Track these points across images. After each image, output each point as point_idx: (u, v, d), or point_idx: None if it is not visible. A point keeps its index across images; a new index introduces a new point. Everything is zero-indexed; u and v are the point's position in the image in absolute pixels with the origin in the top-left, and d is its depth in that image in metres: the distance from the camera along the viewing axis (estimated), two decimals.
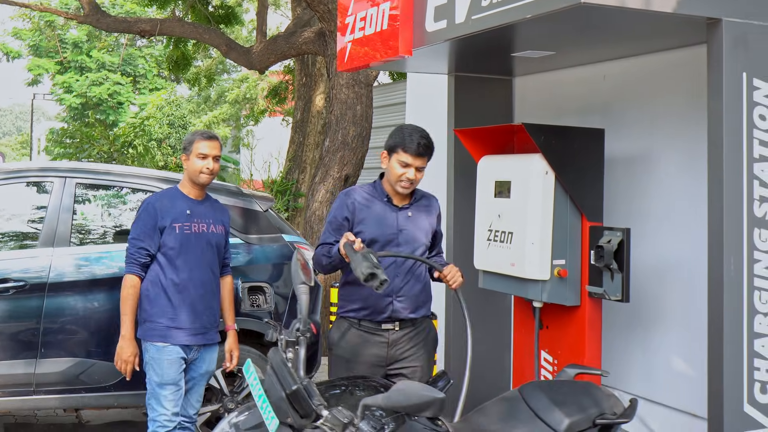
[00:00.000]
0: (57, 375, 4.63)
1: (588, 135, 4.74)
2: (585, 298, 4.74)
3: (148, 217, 4.17)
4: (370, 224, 3.84)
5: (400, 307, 3.82)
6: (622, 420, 3.03)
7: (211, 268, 4.29)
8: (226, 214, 4.49)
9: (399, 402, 2.34)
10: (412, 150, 3.77)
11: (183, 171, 4.37)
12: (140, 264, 4.14)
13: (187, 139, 4.30)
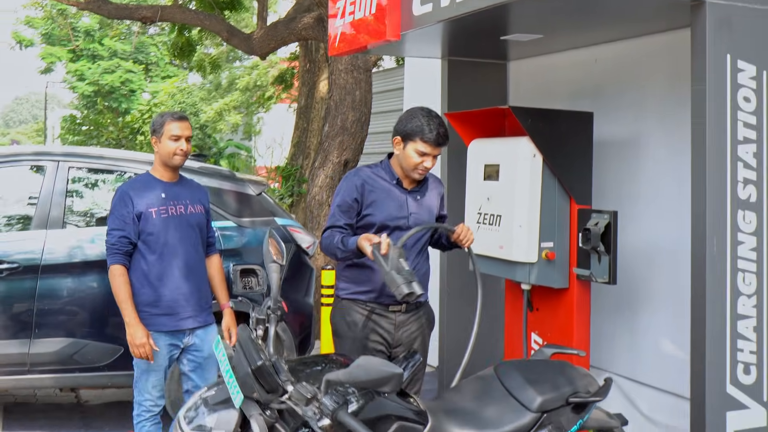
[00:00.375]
0: (51, 355, 4.71)
1: (576, 118, 4.75)
2: (573, 280, 4.76)
3: (122, 206, 4.04)
4: (380, 208, 3.72)
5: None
6: (594, 398, 3.06)
7: (194, 249, 4.18)
8: (203, 192, 4.36)
9: (359, 377, 2.38)
10: (431, 140, 3.64)
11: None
12: (123, 253, 4.01)
13: (157, 121, 4.14)
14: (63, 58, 30.12)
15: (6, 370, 4.67)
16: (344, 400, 2.41)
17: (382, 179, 3.77)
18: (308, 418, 2.39)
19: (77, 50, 30.00)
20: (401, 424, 2.76)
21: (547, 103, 5.14)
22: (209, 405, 2.63)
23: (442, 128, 3.68)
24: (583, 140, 4.75)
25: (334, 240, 3.61)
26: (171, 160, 4.11)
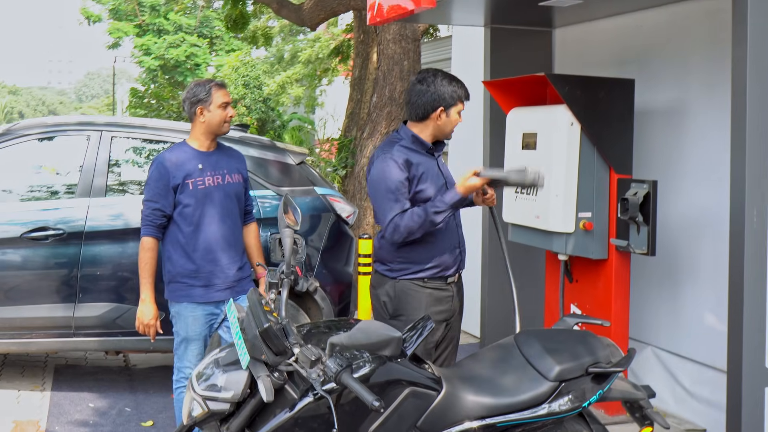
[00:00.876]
0: (94, 319, 4.85)
1: (617, 86, 4.63)
2: (612, 251, 4.67)
3: (159, 177, 3.93)
4: (428, 180, 3.53)
5: (464, 257, 3.68)
6: (615, 369, 2.99)
7: (232, 219, 4.06)
8: (241, 160, 4.22)
9: (359, 340, 2.39)
10: (467, 95, 3.61)
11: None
12: (156, 225, 3.92)
13: (200, 90, 3.96)
14: (129, 33, 30.65)
15: (53, 332, 4.84)
16: (348, 362, 2.42)
17: (416, 151, 3.55)
18: (312, 380, 2.41)
19: (143, 25, 30.49)
20: (413, 390, 2.76)
21: (592, 70, 5.02)
22: (220, 366, 2.67)
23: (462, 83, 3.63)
24: (624, 108, 4.64)
25: (421, 214, 3.39)
26: (221, 129, 4.01)
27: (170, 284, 3.99)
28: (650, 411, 3.21)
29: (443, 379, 2.90)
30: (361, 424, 2.68)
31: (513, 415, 2.90)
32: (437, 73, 3.57)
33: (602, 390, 3.00)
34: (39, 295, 4.80)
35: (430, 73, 3.58)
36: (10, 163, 5.06)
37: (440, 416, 2.84)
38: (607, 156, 4.59)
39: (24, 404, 4.87)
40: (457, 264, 3.62)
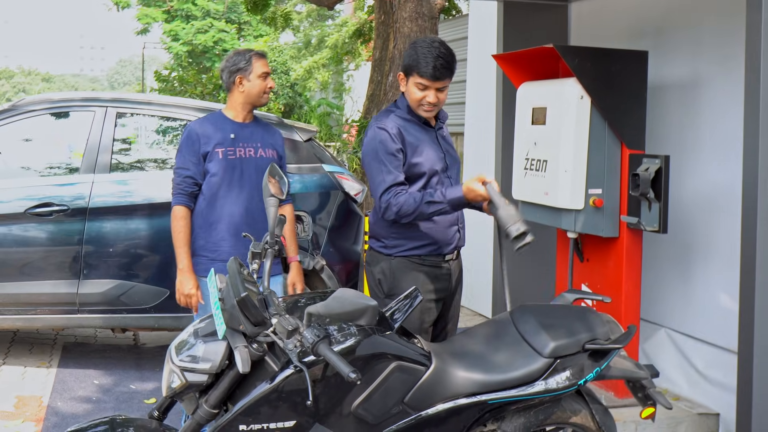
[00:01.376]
0: (98, 295, 4.82)
1: (629, 58, 4.47)
2: (624, 229, 4.53)
3: (190, 144, 3.80)
4: (424, 153, 3.36)
5: (462, 235, 3.54)
6: (613, 346, 2.88)
7: (260, 195, 3.75)
8: (277, 136, 4.07)
9: (334, 309, 2.31)
10: (428, 74, 3.27)
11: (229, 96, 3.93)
12: (187, 194, 3.78)
13: (239, 59, 3.83)
14: (158, 18, 30.79)
15: (57, 309, 4.82)
16: (326, 333, 2.34)
17: (412, 122, 3.40)
18: (289, 351, 2.33)
19: (171, 11, 30.61)
20: (399, 364, 2.67)
21: (609, 45, 4.85)
22: (199, 336, 2.60)
23: (440, 59, 3.27)
24: (636, 81, 4.49)
25: (417, 200, 3.23)
26: (261, 99, 3.89)
27: (194, 257, 3.81)
28: (653, 391, 3.11)
29: (433, 355, 2.81)
30: (345, 399, 2.61)
31: (505, 392, 2.81)
32: (425, 40, 3.38)
33: (599, 368, 2.89)
34: (43, 271, 4.79)
35: (422, 38, 3.44)
36: (15, 138, 5.03)
37: (429, 392, 2.75)
38: (619, 131, 4.44)
39: (29, 380, 4.87)
40: (455, 242, 3.48)
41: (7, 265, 4.75)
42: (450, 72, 3.35)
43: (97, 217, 4.82)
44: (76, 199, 4.81)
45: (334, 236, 5.31)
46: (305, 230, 5.19)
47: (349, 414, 2.63)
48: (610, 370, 3.00)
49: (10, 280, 4.75)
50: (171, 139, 5.23)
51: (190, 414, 2.59)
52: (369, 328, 2.66)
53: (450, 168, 3.50)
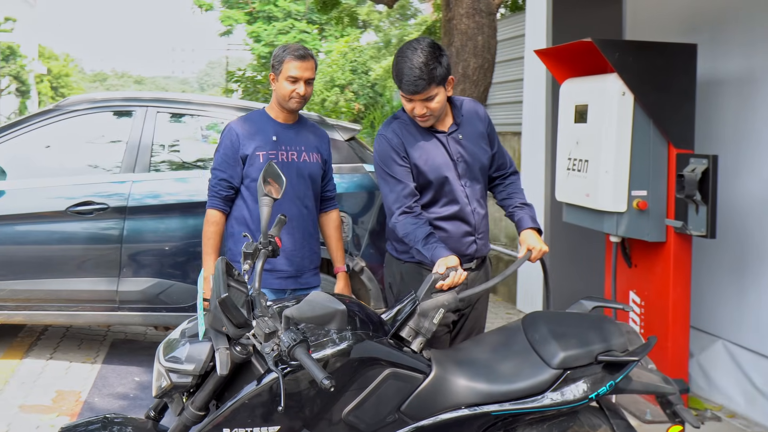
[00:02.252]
0: (138, 293, 4.86)
1: (676, 51, 4.24)
2: (671, 233, 4.30)
3: (229, 144, 3.60)
4: (428, 162, 3.19)
5: (481, 245, 3.32)
6: (627, 358, 2.68)
7: (303, 202, 3.64)
8: (324, 140, 3.80)
9: (305, 313, 2.21)
10: (405, 89, 3.07)
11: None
12: (222, 197, 3.60)
13: (277, 55, 3.60)
14: (240, 20, 31.33)
15: (98, 306, 4.88)
16: (303, 337, 2.25)
17: (412, 126, 3.22)
18: (265, 354, 2.26)
19: (253, 12, 31.10)
20: (394, 371, 2.56)
21: (666, 39, 4.60)
22: (185, 337, 2.56)
23: (416, 71, 3.01)
24: (684, 76, 4.24)
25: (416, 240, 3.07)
26: (286, 104, 3.59)
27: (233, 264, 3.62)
28: (680, 408, 2.90)
29: (434, 362, 2.69)
30: (335, 405, 2.52)
31: (510, 404, 2.66)
32: (408, 47, 3.11)
33: (614, 381, 2.71)
34: (84, 268, 4.85)
35: (407, 44, 3.15)
36: (59, 138, 5.13)
37: (427, 401, 2.64)
38: (665, 129, 4.20)
39: (72, 375, 4.94)
40: (471, 252, 3.27)
41: (50, 261, 4.84)
42: (429, 81, 3.04)
43: (136, 216, 4.85)
44: (116, 197, 4.86)
45: (375, 237, 5.20)
46: (345, 231, 5.11)
47: (340, 421, 2.54)
48: (629, 384, 2.81)
49: (52, 277, 4.84)
50: (211, 139, 5.23)
51: (176, 415, 2.54)
52: (363, 333, 2.57)
53: (465, 174, 3.25)
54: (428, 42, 3.11)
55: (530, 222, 3.28)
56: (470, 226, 3.26)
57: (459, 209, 3.22)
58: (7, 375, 4.85)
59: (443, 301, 2.71)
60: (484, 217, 3.34)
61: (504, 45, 8.19)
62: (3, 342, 5.50)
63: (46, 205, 4.83)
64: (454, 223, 3.22)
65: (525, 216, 3.30)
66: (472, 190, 3.28)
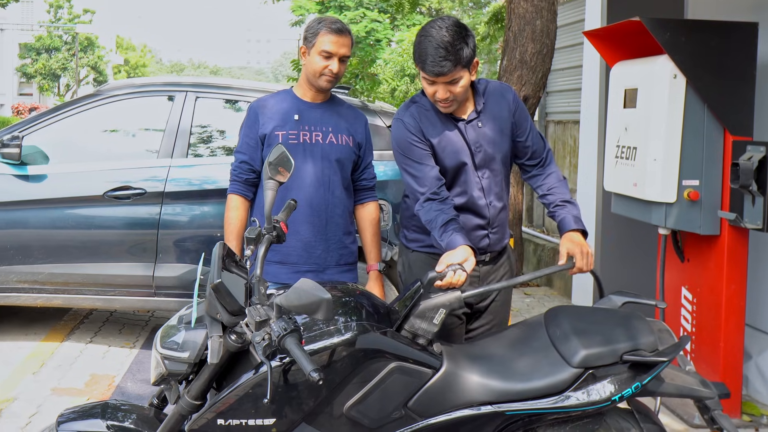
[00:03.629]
0: (174, 279, 4.82)
1: (733, 31, 3.95)
2: (725, 226, 4.02)
3: (249, 125, 3.37)
4: (443, 149, 2.99)
5: (495, 239, 3.10)
6: (656, 358, 2.47)
7: (329, 188, 3.34)
8: (360, 121, 3.47)
9: (292, 301, 2.08)
10: (428, 70, 2.82)
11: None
12: (242, 181, 3.37)
13: (311, 27, 3.31)
14: (312, 10, 31.36)
15: (134, 291, 4.86)
16: (294, 326, 2.12)
17: (431, 111, 3.00)
18: (256, 343, 2.14)
19: (325, 2, 31.12)
20: (400, 365, 2.41)
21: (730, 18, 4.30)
22: (182, 323, 2.46)
23: (441, 51, 2.78)
24: (743, 58, 3.96)
25: (435, 222, 2.86)
26: (316, 81, 3.30)
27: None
28: (717, 413, 2.67)
29: (445, 357, 2.53)
30: (336, 398, 2.38)
31: (524, 403, 2.48)
32: (432, 26, 2.87)
33: (640, 382, 2.50)
34: (120, 253, 4.84)
35: (431, 21, 2.92)
36: (99, 123, 5.12)
37: (437, 398, 2.48)
38: (720, 115, 3.93)
39: (109, 359, 4.95)
40: (483, 246, 3.04)
41: (87, 246, 4.83)
42: (455, 63, 2.80)
43: (172, 201, 4.81)
44: (153, 182, 4.83)
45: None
46: (384, 219, 4.97)
47: (342, 416, 2.40)
48: (661, 386, 2.59)
49: (89, 261, 4.83)
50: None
51: (172, 404, 2.45)
52: (368, 324, 2.43)
53: (484, 165, 3.02)
54: (453, 21, 2.88)
55: (573, 223, 2.94)
56: (483, 218, 3.04)
57: (471, 200, 3.01)
58: (44, 357, 4.89)
59: (444, 301, 2.52)
60: (502, 210, 3.10)
61: (566, 30, 7.90)
62: (46, 325, 5.56)
63: (84, 190, 4.83)
64: (465, 215, 3.01)
65: (567, 216, 2.97)
66: (490, 182, 3.05)
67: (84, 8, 32.64)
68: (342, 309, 2.50)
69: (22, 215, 4.83)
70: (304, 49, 3.33)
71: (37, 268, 4.83)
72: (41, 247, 4.84)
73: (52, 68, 37.40)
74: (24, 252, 4.83)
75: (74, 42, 35.46)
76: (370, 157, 3.55)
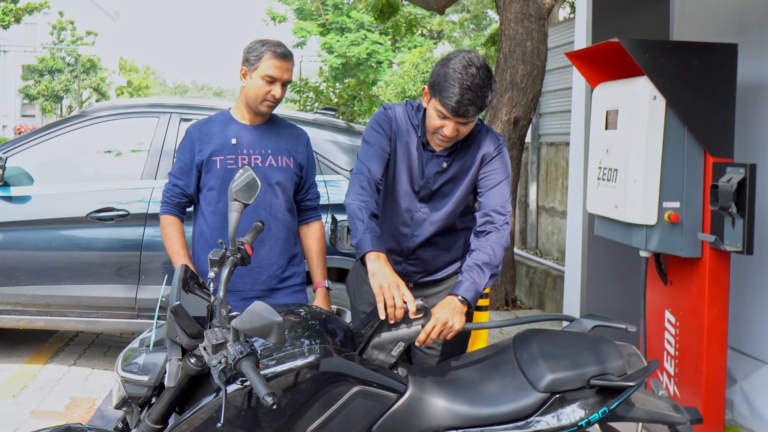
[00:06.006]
0: (157, 301, 4.80)
1: (713, 52, 3.94)
2: (707, 248, 3.99)
3: (183, 150, 3.25)
4: (396, 166, 2.88)
5: (412, 272, 2.98)
6: (623, 383, 2.44)
7: (271, 212, 3.24)
8: (300, 141, 3.35)
9: (246, 324, 2.06)
10: (449, 106, 2.68)
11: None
12: (174, 204, 3.27)
13: (255, 49, 3.18)
14: (313, 32, 31.61)
15: (117, 313, 4.84)
16: (250, 350, 2.10)
17: (410, 125, 2.91)
18: (212, 366, 2.12)
19: (327, 24, 31.35)
20: (363, 389, 2.38)
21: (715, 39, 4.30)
22: (144, 346, 2.45)
23: (469, 93, 2.64)
24: (722, 79, 3.94)
25: (356, 213, 2.69)
26: (257, 105, 3.20)
27: None
28: None
29: (411, 381, 2.50)
30: (297, 423, 2.35)
31: (490, 428, 2.45)
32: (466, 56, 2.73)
33: (607, 407, 2.47)
34: (103, 275, 4.82)
35: (465, 51, 2.77)
36: (83, 144, 5.12)
37: (401, 422, 2.45)
38: (700, 136, 3.91)
39: (91, 382, 4.92)
40: (399, 271, 2.84)
41: (70, 267, 4.82)
42: (477, 109, 2.69)
43: (156, 223, 4.78)
44: (137, 204, 4.82)
45: None
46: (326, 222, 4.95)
47: None
48: (630, 411, 2.57)
49: (72, 283, 4.82)
50: None
51: (133, 428, 2.42)
52: (332, 347, 2.40)
53: (429, 204, 2.91)
54: (484, 63, 2.73)
55: (459, 288, 2.64)
56: (399, 246, 2.93)
57: (394, 224, 2.93)
58: (26, 380, 4.86)
59: (404, 335, 2.47)
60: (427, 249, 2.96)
61: (558, 51, 7.92)
62: (30, 347, 5.54)
63: (67, 211, 4.82)
64: (386, 234, 2.91)
65: (463, 281, 2.67)
66: (426, 218, 2.92)
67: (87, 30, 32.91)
68: (306, 332, 2.48)
69: (5, 236, 4.82)
70: (245, 71, 3.21)
71: (19, 290, 4.82)
72: (24, 268, 4.82)
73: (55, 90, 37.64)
74: (6, 273, 4.81)
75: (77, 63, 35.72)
76: (313, 176, 3.45)
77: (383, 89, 29.21)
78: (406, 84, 28.30)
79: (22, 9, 25.04)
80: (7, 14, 24.53)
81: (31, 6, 25.37)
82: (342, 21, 31.62)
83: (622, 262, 5.38)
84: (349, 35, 31.52)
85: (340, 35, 31.67)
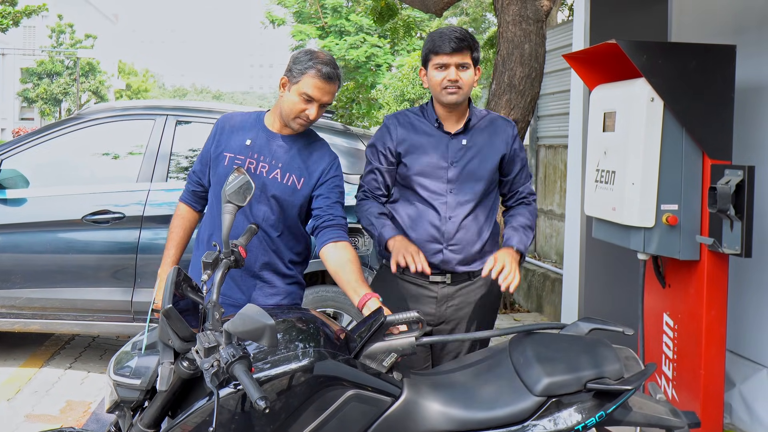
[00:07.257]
0: None
1: (711, 54, 3.92)
2: (705, 251, 3.97)
3: (210, 138, 3.16)
4: (416, 155, 3.09)
5: (453, 258, 3.10)
6: (620, 387, 2.42)
7: (261, 225, 3.03)
8: (323, 162, 3.07)
9: (238, 327, 2.04)
10: (445, 47, 3.01)
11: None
12: (190, 192, 3.19)
13: (301, 61, 2.98)
14: (312, 35, 31.56)
15: (113, 316, 4.82)
16: (243, 353, 2.08)
17: (420, 121, 3.19)
18: (204, 370, 2.09)
19: (325, 27, 31.30)
20: (357, 393, 2.36)
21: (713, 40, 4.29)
22: (136, 350, 2.43)
23: (456, 33, 3.05)
24: (721, 81, 3.92)
25: (369, 210, 3.11)
26: (289, 121, 3.01)
27: None
28: None
29: (406, 385, 2.48)
30: (292, 426, 2.33)
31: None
32: (440, 29, 3.19)
33: (605, 411, 2.45)
34: (99, 278, 4.81)
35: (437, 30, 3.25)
36: (79, 146, 5.11)
37: (396, 426, 2.42)
38: (698, 138, 3.89)
39: (87, 385, 4.90)
40: (437, 262, 3.07)
41: (66, 270, 4.81)
42: (468, 45, 3.07)
43: (152, 226, 4.79)
44: (133, 206, 4.80)
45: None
46: (365, 244, 4.94)
47: None
48: (628, 415, 2.54)
49: (67, 286, 4.80)
50: None
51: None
52: (326, 351, 2.38)
53: (453, 183, 3.11)
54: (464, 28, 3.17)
55: (513, 240, 3.11)
56: (438, 231, 3.10)
57: (428, 212, 3.11)
58: (21, 383, 4.84)
59: (396, 346, 2.47)
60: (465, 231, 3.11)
61: (556, 54, 7.91)
62: (26, 350, 5.51)
63: (62, 214, 4.81)
64: (419, 224, 3.12)
65: (513, 236, 3.13)
66: (457, 199, 3.12)
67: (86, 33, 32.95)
68: (300, 335, 2.46)
69: (0, 239, 4.80)
70: (286, 81, 3.02)
71: (14, 293, 4.80)
72: (19, 271, 4.81)
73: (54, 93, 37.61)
74: (1, 276, 4.80)
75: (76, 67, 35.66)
76: (335, 196, 3.09)
77: (382, 92, 29.22)
78: (405, 87, 28.30)
79: (20, 12, 25.01)
80: (5, 17, 24.51)
81: (30, 9, 25.33)
82: (341, 24, 31.56)
83: (621, 265, 5.36)
84: (348, 38, 31.47)
85: (339, 38, 31.61)
